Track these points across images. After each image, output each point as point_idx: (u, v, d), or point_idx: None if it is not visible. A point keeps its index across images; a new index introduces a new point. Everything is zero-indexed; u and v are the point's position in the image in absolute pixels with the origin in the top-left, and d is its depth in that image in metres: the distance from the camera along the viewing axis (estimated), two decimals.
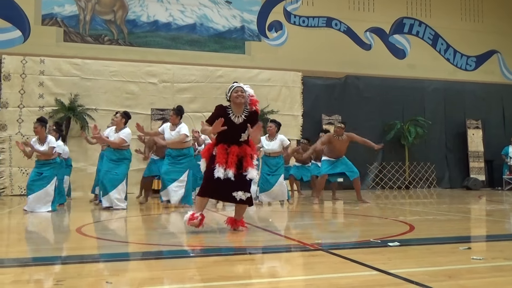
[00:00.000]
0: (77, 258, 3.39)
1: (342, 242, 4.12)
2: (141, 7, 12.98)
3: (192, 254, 3.44)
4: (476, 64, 15.79)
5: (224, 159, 4.37)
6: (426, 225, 5.18)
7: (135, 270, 3.03)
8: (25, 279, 2.72)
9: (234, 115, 4.48)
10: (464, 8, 15.75)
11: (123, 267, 3.11)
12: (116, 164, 7.24)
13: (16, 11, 11.88)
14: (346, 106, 13.73)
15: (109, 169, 7.19)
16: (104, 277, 2.69)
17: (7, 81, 11.36)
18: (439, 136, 14.76)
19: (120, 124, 7.34)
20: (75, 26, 12.40)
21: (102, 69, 12.05)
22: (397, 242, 3.73)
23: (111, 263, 3.24)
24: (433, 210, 7.08)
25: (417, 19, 15.35)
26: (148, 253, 3.62)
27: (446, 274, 2.69)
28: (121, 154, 7.30)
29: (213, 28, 13.49)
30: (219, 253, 3.58)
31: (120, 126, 7.33)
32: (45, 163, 7.05)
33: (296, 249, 3.65)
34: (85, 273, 2.92)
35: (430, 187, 14.11)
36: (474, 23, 15.78)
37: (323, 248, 3.55)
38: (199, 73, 12.72)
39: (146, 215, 6.84)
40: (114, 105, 11.92)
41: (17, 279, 2.71)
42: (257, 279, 2.68)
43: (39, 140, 7.03)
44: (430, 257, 3.27)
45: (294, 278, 2.75)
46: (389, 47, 14.95)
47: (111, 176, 7.13)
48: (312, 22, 14.27)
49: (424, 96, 14.73)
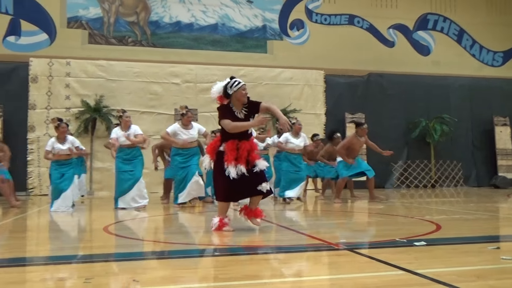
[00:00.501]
0: (103, 256, 3.44)
1: (367, 241, 4.09)
2: (163, 8, 13.10)
3: (217, 253, 3.45)
4: (503, 60, 15.44)
5: (234, 156, 4.33)
6: (453, 224, 5.10)
7: (160, 268, 3.06)
8: (54, 277, 2.78)
9: (236, 111, 4.47)
10: (489, 2, 15.40)
11: (148, 265, 3.15)
12: (131, 163, 7.30)
13: (43, 15, 12.13)
14: (369, 104, 13.60)
15: (125, 169, 7.25)
16: (131, 275, 2.72)
17: (34, 84, 11.61)
18: (466, 133, 14.48)
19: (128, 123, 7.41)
20: (99, 28, 12.59)
21: (126, 70, 12.21)
22: (423, 241, 3.67)
23: (137, 262, 3.28)
24: (460, 209, 6.96)
25: (442, 15, 15.09)
26: (173, 252, 3.65)
27: (474, 274, 2.64)
28: (137, 152, 7.41)
29: (235, 28, 13.52)
30: (243, 252, 3.59)
31: (128, 125, 7.38)
32: (65, 163, 7.15)
33: (321, 248, 3.63)
34: (112, 271, 2.96)
35: (456, 186, 13.86)
36: (501, 17, 15.42)
37: (347, 247, 3.52)
38: (221, 73, 12.74)
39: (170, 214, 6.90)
40: (138, 105, 12.09)
41: (46, 277, 2.77)
42: (282, 279, 2.68)
43: (58, 140, 7.12)
44: (458, 257, 3.22)
45: (319, 278, 2.74)
46: (413, 44, 14.74)
47: (128, 176, 7.21)
48: (334, 20, 14.17)
49: (449, 93, 14.46)
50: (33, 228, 5.54)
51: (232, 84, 4.42)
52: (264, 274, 2.81)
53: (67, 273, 2.91)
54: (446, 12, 15.10)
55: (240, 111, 4.48)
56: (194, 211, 7.09)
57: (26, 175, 11.11)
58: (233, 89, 4.41)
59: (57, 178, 7.06)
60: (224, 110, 4.46)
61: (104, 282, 2.64)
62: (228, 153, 4.34)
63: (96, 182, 11.35)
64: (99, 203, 8.83)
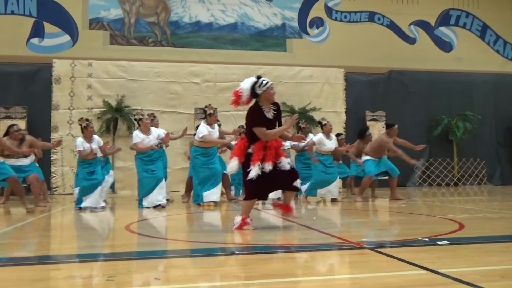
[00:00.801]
0: (126, 254, 3.49)
1: (389, 240, 4.05)
2: (183, 8, 13.18)
3: (237, 252, 3.47)
4: None
5: (260, 156, 4.36)
6: (477, 223, 5.02)
7: (182, 267, 3.08)
8: (77, 275, 2.83)
9: (265, 111, 4.48)
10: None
11: (170, 264, 3.18)
12: (154, 163, 7.38)
13: (65, 17, 12.33)
14: (390, 102, 13.46)
15: (148, 170, 7.34)
16: (153, 274, 2.75)
17: (57, 84, 11.81)
18: (490, 130, 14.21)
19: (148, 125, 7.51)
20: (120, 29, 12.73)
21: (146, 70, 12.33)
22: (446, 240, 3.63)
23: (159, 260, 3.31)
24: (483, 207, 6.85)
25: (464, 10, 14.83)
26: (195, 251, 3.68)
27: (498, 274, 2.60)
28: (159, 152, 7.52)
29: (254, 27, 13.53)
30: (264, 251, 3.59)
31: (148, 128, 7.48)
32: (92, 162, 7.29)
33: (342, 247, 3.61)
34: (134, 269, 3.00)
35: (480, 184, 13.63)
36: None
37: (369, 246, 3.50)
38: (240, 72, 12.78)
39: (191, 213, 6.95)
40: (158, 105, 12.20)
41: (69, 275, 2.82)
42: (302, 277, 2.68)
43: (86, 140, 7.23)
44: (481, 256, 3.17)
45: (340, 277, 2.73)
46: (435, 40, 14.53)
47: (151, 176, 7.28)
48: (354, 17, 14.07)
49: (472, 89, 14.22)
50: (57, 227, 5.64)
51: (260, 83, 4.42)
52: (285, 273, 2.81)
53: (90, 271, 2.96)
54: (469, 7, 14.84)
55: (269, 111, 4.51)
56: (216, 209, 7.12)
57: (50, 175, 11.29)
58: (262, 88, 4.42)
59: (85, 177, 7.18)
60: (255, 113, 4.46)
61: (127, 280, 2.67)
62: (255, 153, 4.37)
63: (118, 181, 11.48)
64: (121, 202, 8.94)
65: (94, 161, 7.32)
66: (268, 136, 4.40)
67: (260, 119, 4.41)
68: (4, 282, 2.69)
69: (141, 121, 7.44)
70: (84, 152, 7.16)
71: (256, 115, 4.44)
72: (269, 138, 4.42)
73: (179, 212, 6.93)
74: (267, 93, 4.43)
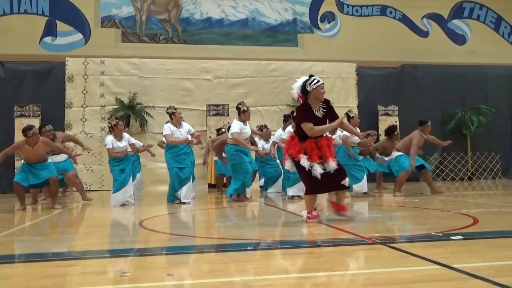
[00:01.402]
0: (140, 251, 3.52)
1: (402, 235, 4.03)
2: (194, 5, 13.20)
3: (250, 248, 3.47)
4: None
5: (317, 154, 4.48)
6: (491, 218, 4.97)
7: (195, 262, 3.10)
8: (92, 271, 2.86)
9: (314, 109, 4.59)
10: None
11: (184, 259, 3.20)
12: (183, 161, 7.37)
13: (77, 15, 12.41)
14: (403, 96, 13.37)
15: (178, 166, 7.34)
16: (166, 269, 2.77)
17: (70, 83, 11.92)
18: (504, 124, 14.05)
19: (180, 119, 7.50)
20: (132, 26, 12.79)
21: (158, 67, 12.39)
22: (460, 235, 3.60)
23: (173, 256, 3.33)
24: (498, 202, 6.78)
25: (478, 2, 14.65)
26: (208, 246, 3.69)
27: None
28: (187, 148, 7.51)
29: (265, 22, 13.50)
30: (279, 246, 3.60)
31: (180, 122, 7.48)
32: (123, 159, 7.39)
33: (355, 242, 3.60)
34: (148, 265, 3.03)
35: (495, 178, 13.49)
36: None
37: (382, 241, 3.49)
38: (252, 68, 12.79)
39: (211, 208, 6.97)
40: (170, 102, 12.18)
41: (85, 271, 2.85)
42: (315, 273, 2.68)
43: (116, 138, 7.33)
44: (496, 251, 3.14)
45: (353, 272, 2.73)
46: (448, 33, 14.38)
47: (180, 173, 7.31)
48: (365, 11, 13.97)
49: (486, 83, 14.05)
50: (72, 224, 5.70)
51: (311, 81, 4.56)
52: (299, 268, 2.81)
53: (105, 267, 2.99)
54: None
55: (318, 109, 4.61)
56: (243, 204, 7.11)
57: None
58: (312, 86, 4.55)
59: (118, 174, 7.29)
60: (304, 110, 4.58)
61: (140, 276, 2.70)
62: (310, 152, 4.49)
63: None
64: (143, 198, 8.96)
65: (125, 158, 7.42)
66: (314, 131, 4.50)
67: (307, 115, 4.53)
68: (22, 277, 2.73)
69: (174, 115, 7.45)
70: (114, 150, 7.27)
71: (304, 112, 4.57)
72: (315, 133, 4.53)
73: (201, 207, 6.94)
74: (317, 91, 4.55)
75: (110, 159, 7.43)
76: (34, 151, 6.72)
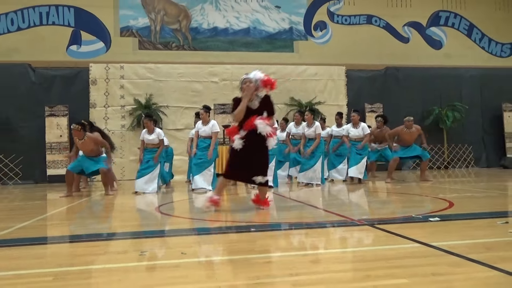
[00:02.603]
0: (157, 233, 3.53)
1: (386, 217, 4.04)
2: (202, 16, 13.15)
3: (253, 230, 3.49)
4: (511, 51, 14.80)
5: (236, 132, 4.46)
6: (465, 201, 4.97)
7: (205, 243, 3.12)
8: (115, 251, 2.87)
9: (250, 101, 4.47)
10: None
11: (195, 240, 3.21)
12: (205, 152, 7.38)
13: (99, 26, 12.39)
14: (387, 95, 13.32)
15: (200, 156, 7.37)
16: (180, 249, 2.79)
17: (94, 85, 11.91)
18: (476, 119, 13.99)
19: (206, 117, 7.50)
20: (147, 35, 12.76)
21: (171, 71, 12.36)
22: (437, 217, 3.61)
23: (185, 237, 3.35)
24: (471, 187, 6.78)
25: (453, 12, 14.55)
26: (215, 229, 3.71)
27: (484, 246, 2.58)
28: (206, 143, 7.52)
29: (265, 31, 13.44)
30: (278, 228, 3.61)
31: (206, 120, 7.49)
32: (151, 150, 7.45)
33: (344, 224, 3.61)
34: (163, 244, 3.04)
35: (468, 167, 13.47)
36: (508, 12, 14.75)
37: (368, 223, 3.50)
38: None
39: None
40: (182, 102, 12.24)
41: (108, 250, 2.86)
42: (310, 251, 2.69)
43: (148, 132, 7.44)
44: (469, 231, 3.15)
45: (343, 250, 2.74)
46: (426, 39, 14.30)
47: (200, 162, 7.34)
48: (353, 20, 13.90)
49: (461, 83, 13.99)
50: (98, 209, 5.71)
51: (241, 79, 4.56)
52: (295, 247, 2.82)
53: (125, 247, 3.00)
54: (457, 8, 14.57)
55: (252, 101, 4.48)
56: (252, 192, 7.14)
57: None
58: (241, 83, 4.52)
59: (144, 163, 7.36)
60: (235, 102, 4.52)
61: (157, 254, 2.71)
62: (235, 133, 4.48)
63: None
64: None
65: (154, 150, 7.47)
66: (236, 114, 4.44)
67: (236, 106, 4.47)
68: (53, 257, 2.75)
69: (202, 115, 7.56)
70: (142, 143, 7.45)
71: (235, 104, 4.52)
72: (238, 116, 4.43)
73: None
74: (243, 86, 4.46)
75: None
76: (82, 144, 6.90)
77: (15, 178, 11.22)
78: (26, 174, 11.19)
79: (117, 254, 2.75)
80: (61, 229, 3.97)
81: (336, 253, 2.64)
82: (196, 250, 2.79)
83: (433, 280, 1.98)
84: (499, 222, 3.34)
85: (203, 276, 2.18)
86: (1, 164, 11.21)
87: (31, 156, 11.26)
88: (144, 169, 7.31)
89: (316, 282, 2.01)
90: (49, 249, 3.09)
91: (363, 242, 2.92)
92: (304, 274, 2.15)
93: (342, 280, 2.03)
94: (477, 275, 2.05)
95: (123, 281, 2.13)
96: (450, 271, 2.11)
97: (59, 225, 4.21)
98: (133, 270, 2.34)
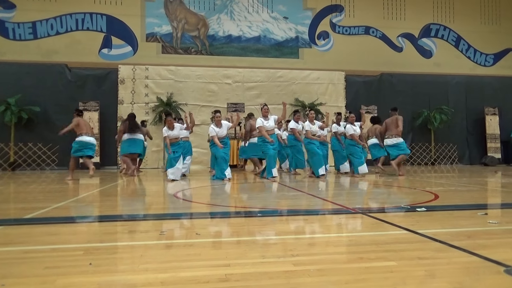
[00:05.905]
0: (175, 215, 3.55)
1: (378, 207, 4.02)
2: (218, 25, 13.13)
3: (259, 214, 3.49)
4: (494, 61, 14.59)
5: None
6: (449, 194, 4.93)
7: (217, 225, 3.12)
8: (138, 230, 2.89)
9: None
10: (483, 13, 14.55)
11: (208, 223, 3.22)
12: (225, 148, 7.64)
13: (127, 32, 12.43)
14: (381, 98, 13.22)
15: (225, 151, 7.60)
16: (195, 230, 2.80)
17: (122, 85, 11.97)
18: (461, 121, 13.86)
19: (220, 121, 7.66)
20: (169, 41, 12.77)
21: (190, 73, 12.37)
22: (424, 208, 3.58)
23: (200, 220, 3.36)
24: (455, 182, 6.71)
25: (442, 24, 14.37)
26: (226, 213, 3.72)
27: (465, 234, 2.56)
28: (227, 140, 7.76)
29: (274, 39, 13.39)
30: (281, 213, 3.61)
31: (220, 123, 7.64)
32: (175, 144, 7.55)
33: (340, 212, 3.60)
34: (180, 226, 3.05)
35: (452, 164, 13.35)
36: (492, 26, 14.55)
37: (362, 211, 3.48)
38: (263, 75, 12.73)
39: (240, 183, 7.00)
40: (199, 100, 12.26)
41: (132, 229, 2.89)
42: (309, 235, 2.68)
43: (169, 128, 7.49)
44: (452, 220, 3.12)
45: (338, 235, 2.73)
46: (418, 49, 14.14)
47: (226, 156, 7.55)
48: (353, 31, 13.78)
49: (448, 88, 13.85)
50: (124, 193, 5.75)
51: None
52: (295, 231, 2.82)
53: (147, 227, 3.03)
54: (446, 22, 14.38)
55: None
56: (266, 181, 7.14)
57: (116, 154, 11.53)
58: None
59: (171, 155, 7.44)
60: None
61: (174, 234, 2.72)
62: None
63: None
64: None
65: (176, 143, 7.58)
66: None
67: None
68: (84, 234, 2.78)
69: (215, 119, 7.61)
70: (168, 137, 7.47)
71: None
72: None
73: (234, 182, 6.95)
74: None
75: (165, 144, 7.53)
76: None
77: (52, 165, 11.35)
78: (62, 161, 11.29)
79: (139, 233, 2.77)
80: (91, 210, 4.01)
81: (332, 237, 2.63)
82: (209, 232, 2.80)
83: (419, 263, 1.97)
84: (480, 213, 3.31)
85: (215, 255, 2.19)
86: (40, 151, 11.34)
87: (67, 145, 11.35)
88: (173, 160, 7.38)
89: (314, 262, 2.01)
90: (80, 227, 3.13)
91: (356, 228, 2.91)
92: (304, 255, 2.15)
93: (338, 261, 2.03)
94: (458, 259, 2.04)
95: (144, 256, 2.14)
96: (434, 256, 2.09)
97: (90, 206, 4.25)
98: (153, 248, 2.36)
